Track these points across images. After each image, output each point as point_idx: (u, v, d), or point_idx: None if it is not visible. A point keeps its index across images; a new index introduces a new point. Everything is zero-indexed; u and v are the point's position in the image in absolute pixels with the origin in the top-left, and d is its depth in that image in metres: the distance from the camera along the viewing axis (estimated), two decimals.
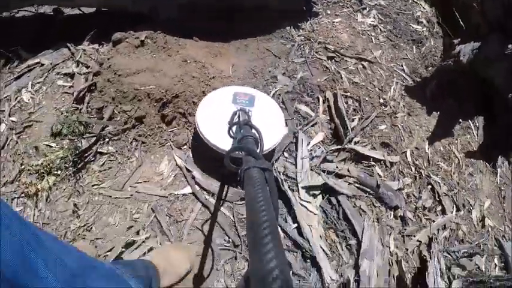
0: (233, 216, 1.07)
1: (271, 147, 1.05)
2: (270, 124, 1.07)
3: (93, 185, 1.11)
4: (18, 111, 1.22)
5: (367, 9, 1.69)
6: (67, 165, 1.09)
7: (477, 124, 1.52)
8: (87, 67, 1.27)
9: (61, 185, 1.09)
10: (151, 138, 1.16)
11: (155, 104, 1.16)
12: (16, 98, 1.24)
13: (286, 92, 1.32)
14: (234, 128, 0.88)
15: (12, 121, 1.19)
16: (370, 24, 1.63)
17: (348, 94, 1.36)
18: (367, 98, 1.38)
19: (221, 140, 0.99)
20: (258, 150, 0.66)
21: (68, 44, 1.34)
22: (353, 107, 1.35)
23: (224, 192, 1.11)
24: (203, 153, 1.14)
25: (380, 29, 1.63)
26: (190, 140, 1.18)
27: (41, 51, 1.36)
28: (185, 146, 1.17)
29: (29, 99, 1.24)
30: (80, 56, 1.30)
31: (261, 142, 0.70)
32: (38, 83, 1.27)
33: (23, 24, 1.49)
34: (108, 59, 1.25)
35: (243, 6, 1.45)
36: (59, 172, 1.09)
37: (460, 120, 1.50)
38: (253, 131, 0.76)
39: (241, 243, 1.03)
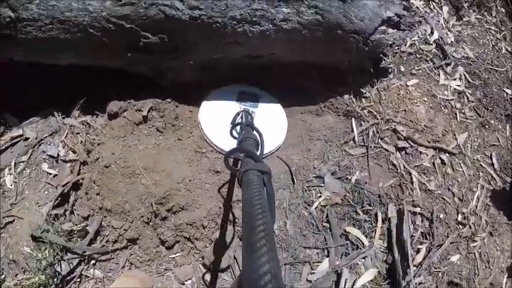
0: None
1: (272, 150, 1.03)
2: (272, 127, 1.04)
3: None
4: (1, 198, 0.99)
5: (452, 64, 1.22)
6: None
7: None
8: (74, 152, 0.95)
9: None
10: (147, 265, 0.88)
11: (151, 224, 0.85)
12: None
13: (334, 204, 0.96)
14: (237, 129, 0.85)
15: None
16: (454, 89, 1.18)
17: (418, 210, 0.99)
18: (441, 215, 1.01)
19: (223, 139, 0.96)
20: (259, 153, 0.63)
21: (56, 113, 1.02)
22: (421, 230, 0.99)
23: None
24: None
25: (467, 97, 1.18)
26: (197, 274, 0.89)
27: (28, 117, 1.05)
28: (189, 282, 0.88)
29: (11, 185, 0.98)
30: (66, 135, 0.97)
31: (262, 145, 0.68)
32: (22, 162, 1.00)
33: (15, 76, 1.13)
34: (98, 144, 0.93)
35: (287, 63, 1.02)
36: None
37: None
38: (255, 133, 0.75)
39: None
